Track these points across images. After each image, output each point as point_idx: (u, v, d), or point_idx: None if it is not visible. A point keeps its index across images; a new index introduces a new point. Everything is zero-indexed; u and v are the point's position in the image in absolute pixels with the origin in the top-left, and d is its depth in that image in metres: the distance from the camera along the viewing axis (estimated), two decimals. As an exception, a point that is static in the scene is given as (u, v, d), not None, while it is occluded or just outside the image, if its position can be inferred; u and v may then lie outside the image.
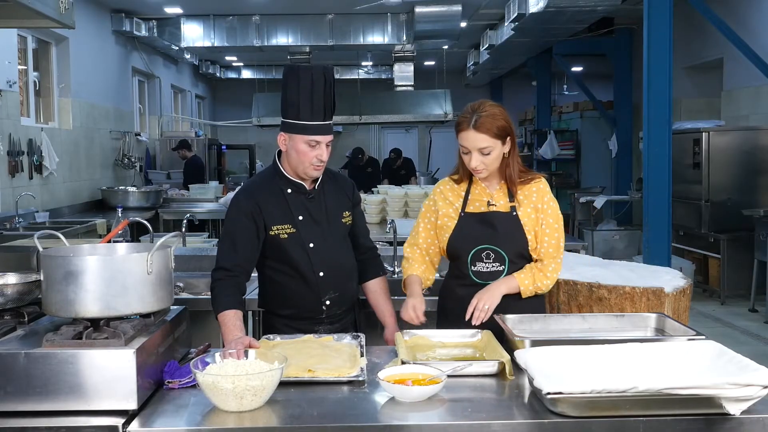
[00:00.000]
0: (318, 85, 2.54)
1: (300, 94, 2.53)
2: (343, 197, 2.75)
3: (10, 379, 1.84)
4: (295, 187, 2.65)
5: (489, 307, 2.46)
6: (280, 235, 2.62)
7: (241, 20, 9.90)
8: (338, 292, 2.69)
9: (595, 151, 12.67)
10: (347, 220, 2.74)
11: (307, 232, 2.63)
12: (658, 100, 6.04)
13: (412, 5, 9.25)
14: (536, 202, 2.59)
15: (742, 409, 1.77)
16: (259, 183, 2.71)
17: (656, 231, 6.08)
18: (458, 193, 2.66)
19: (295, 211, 2.63)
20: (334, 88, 2.61)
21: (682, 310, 2.88)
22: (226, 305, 2.47)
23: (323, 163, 2.61)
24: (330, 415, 1.87)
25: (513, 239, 2.57)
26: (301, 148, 2.56)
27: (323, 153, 2.57)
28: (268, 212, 2.61)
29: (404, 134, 16.82)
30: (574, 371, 1.96)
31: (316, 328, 2.65)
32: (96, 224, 6.62)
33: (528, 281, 2.55)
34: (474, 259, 2.60)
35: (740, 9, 8.20)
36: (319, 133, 2.55)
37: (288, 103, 2.57)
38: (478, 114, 2.49)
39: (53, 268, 1.98)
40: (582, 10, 7.95)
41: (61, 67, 8.16)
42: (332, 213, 2.69)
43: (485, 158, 2.51)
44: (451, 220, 2.64)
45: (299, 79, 2.54)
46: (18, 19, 4.10)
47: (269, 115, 9.89)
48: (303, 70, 2.56)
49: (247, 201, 2.62)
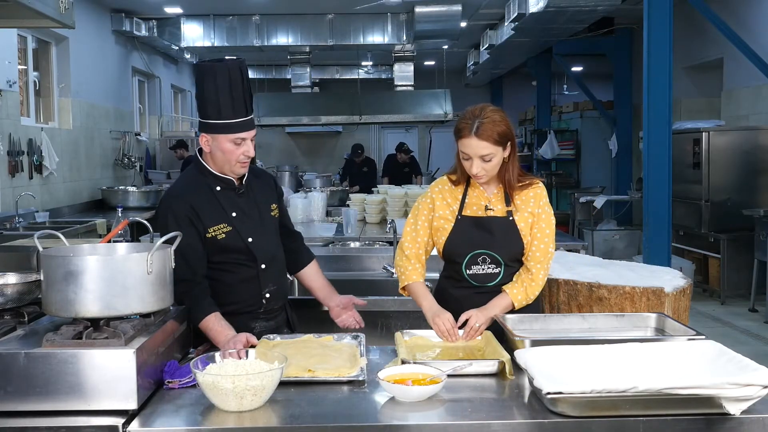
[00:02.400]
0: (236, 80, 2.46)
1: (219, 92, 2.44)
2: (269, 190, 2.76)
3: (10, 379, 1.84)
4: (224, 184, 2.59)
5: (480, 327, 2.44)
6: (218, 236, 2.56)
7: (241, 20, 9.90)
8: (276, 285, 2.69)
9: (595, 151, 12.68)
10: (275, 213, 2.75)
11: (243, 227, 2.60)
12: (658, 100, 6.04)
13: (412, 5, 9.26)
14: (533, 207, 2.58)
15: (742, 409, 1.77)
16: (188, 185, 2.62)
17: (656, 231, 6.09)
18: (455, 195, 2.64)
19: (228, 208, 2.58)
20: (249, 81, 2.54)
21: (682, 310, 2.87)
22: (204, 311, 2.41)
23: (248, 160, 2.57)
24: (330, 414, 1.87)
25: (509, 244, 2.56)
26: (227, 147, 2.49)
27: (250, 149, 2.53)
28: (204, 214, 2.54)
29: (404, 134, 16.81)
30: (574, 371, 1.96)
31: (253, 324, 2.61)
32: (96, 224, 6.62)
33: (521, 296, 2.54)
34: (470, 263, 2.59)
35: (740, 9, 8.20)
36: (243, 129, 2.50)
37: (206, 102, 2.48)
38: (479, 120, 2.44)
39: (53, 268, 1.98)
40: (582, 10, 7.95)
41: (61, 67, 8.16)
42: (262, 207, 2.69)
43: (486, 165, 2.48)
44: (447, 222, 2.62)
45: (216, 76, 2.44)
46: (18, 19, 4.10)
47: (269, 115, 9.89)
48: (219, 67, 2.46)
49: (180, 206, 2.53)
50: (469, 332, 2.42)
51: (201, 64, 2.53)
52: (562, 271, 2.95)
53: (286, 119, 10.23)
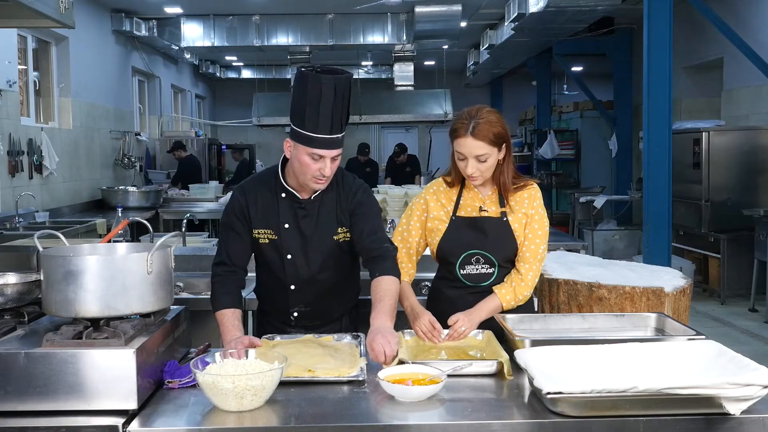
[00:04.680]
0: (327, 96, 2.35)
1: (307, 103, 2.36)
2: (341, 212, 2.55)
3: (10, 379, 1.84)
4: (288, 194, 2.55)
5: (465, 330, 2.43)
6: (260, 240, 2.56)
7: (241, 20, 9.90)
8: (310, 306, 2.63)
9: (595, 151, 12.67)
10: (341, 237, 2.56)
11: (289, 242, 2.54)
12: (658, 100, 6.04)
13: (412, 5, 9.25)
14: (527, 208, 2.58)
15: (742, 409, 1.77)
16: (256, 182, 2.63)
17: (656, 231, 6.08)
18: (450, 196, 2.64)
19: (283, 217, 2.54)
20: (349, 100, 2.42)
21: (682, 310, 2.87)
22: (224, 304, 2.45)
23: (326, 178, 2.44)
24: (330, 414, 1.87)
25: (503, 245, 2.56)
26: (304, 160, 2.40)
27: (326, 167, 2.41)
28: (254, 213, 2.54)
29: (404, 134, 16.82)
30: (574, 371, 1.96)
31: (288, 330, 2.63)
32: (96, 224, 6.62)
33: (509, 296, 2.54)
34: (463, 263, 2.59)
35: (740, 9, 8.20)
36: (323, 147, 2.38)
37: (294, 109, 2.41)
38: (475, 120, 2.45)
39: (53, 268, 1.98)
40: (582, 9, 7.95)
41: (61, 67, 8.16)
42: (323, 227, 2.55)
43: (481, 165, 2.48)
44: (441, 223, 2.62)
45: (307, 86, 2.36)
46: (18, 19, 4.09)
47: (269, 114, 9.89)
48: (312, 77, 2.35)
49: (239, 198, 2.57)
50: (453, 336, 2.41)
51: (300, 70, 2.41)
52: (562, 271, 2.95)
53: (286, 119, 10.20)
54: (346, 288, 2.71)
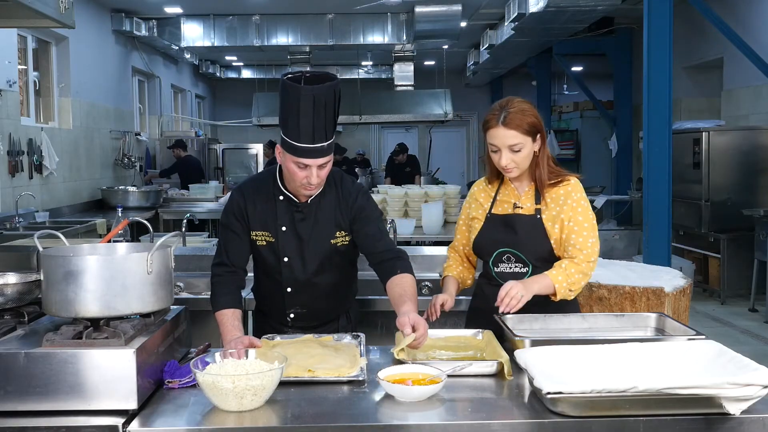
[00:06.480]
0: (305, 107, 2.30)
1: (288, 113, 2.34)
2: (341, 216, 2.55)
3: (10, 379, 1.84)
4: (286, 197, 2.54)
5: (524, 297, 2.33)
6: (258, 241, 2.57)
7: (241, 20, 9.91)
8: (306, 308, 2.64)
9: (595, 151, 12.68)
10: (339, 241, 2.56)
11: (286, 245, 2.54)
12: (658, 100, 6.04)
13: (412, 5, 9.26)
14: (563, 204, 2.50)
15: (742, 409, 1.77)
16: (256, 182, 2.62)
17: (656, 231, 6.09)
18: (489, 193, 2.63)
19: (280, 220, 2.54)
20: (336, 107, 2.37)
21: (682, 310, 2.88)
22: (223, 304, 2.46)
23: (314, 186, 2.43)
24: (330, 414, 1.87)
25: (534, 244, 2.51)
26: (291, 167, 2.40)
27: (312, 176, 2.38)
28: (252, 215, 2.54)
29: (404, 134, 16.82)
30: (574, 371, 1.96)
31: (285, 330, 2.65)
32: (96, 224, 6.63)
33: (561, 277, 2.43)
34: (496, 261, 2.57)
35: (740, 9, 8.20)
36: (306, 156, 2.35)
37: (280, 118, 2.40)
38: (506, 110, 2.43)
39: (53, 268, 1.98)
40: (582, 9, 7.95)
41: (61, 67, 8.16)
42: (320, 231, 2.54)
43: (515, 156, 2.44)
44: (478, 221, 2.62)
45: (289, 96, 2.34)
46: (18, 18, 4.09)
47: (269, 114, 9.89)
48: (291, 88, 2.32)
49: (238, 199, 2.57)
50: (511, 303, 2.33)
51: (281, 80, 2.37)
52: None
53: (286, 119, 10.21)
54: (343, 291, 2.72)
